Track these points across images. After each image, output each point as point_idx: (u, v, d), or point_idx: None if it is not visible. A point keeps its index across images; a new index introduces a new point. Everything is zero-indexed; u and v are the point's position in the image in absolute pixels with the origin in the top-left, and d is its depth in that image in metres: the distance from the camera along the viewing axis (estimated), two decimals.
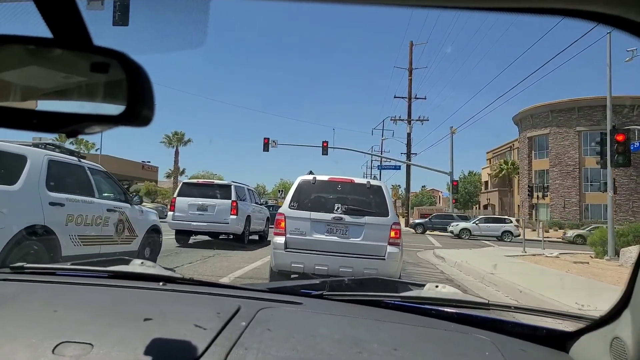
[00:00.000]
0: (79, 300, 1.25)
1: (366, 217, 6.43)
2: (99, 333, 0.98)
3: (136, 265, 1.69)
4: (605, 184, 16.66)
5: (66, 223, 5.73)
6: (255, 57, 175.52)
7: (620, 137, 15.42)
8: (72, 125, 0.62)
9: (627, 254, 13.20)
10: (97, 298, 1.27)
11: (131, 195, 7.58)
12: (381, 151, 55.77)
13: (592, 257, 15.91)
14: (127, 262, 1.74)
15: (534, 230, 31.61)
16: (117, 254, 6.58)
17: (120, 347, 0.93)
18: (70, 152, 6.40)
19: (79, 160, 6.40)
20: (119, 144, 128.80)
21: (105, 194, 6.84)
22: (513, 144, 57.54)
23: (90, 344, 0.93)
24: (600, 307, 5.23)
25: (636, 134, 26.07)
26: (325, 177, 6.81)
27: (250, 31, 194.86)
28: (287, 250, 6.36)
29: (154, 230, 8.10)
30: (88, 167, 6.53)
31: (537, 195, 21.70)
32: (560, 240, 30.66)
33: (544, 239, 20.45)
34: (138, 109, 0.61)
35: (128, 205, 7.27)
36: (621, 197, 38.84)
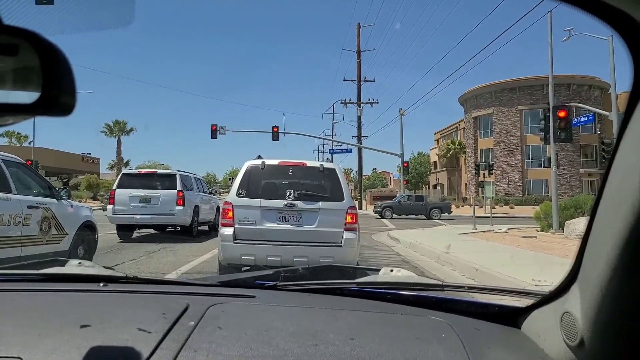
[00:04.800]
0: (6, 308, 1.12)
1: (320, 202, 6.08)
2: (29, 345, 0.90)
3: (73, 266, 1.58)
4: (549, 159, 17.21)
5: None
6: (199, 39, 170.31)
7: (562, 114, 15.97)
8: None
9: (571, 227, 13.70)
10: (28, 305, 1.15)
11: (58, 189, 6.77)
12: (332, 135, 55.71)
13: (538, 231, 16.52)
14: (62, 263, 1.61)
15: (482, 207, 32.74)
16: (43, 256, 5.86)
17: (53, 359, 0.86)
18: None
19: None
20: (55, 135, 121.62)
21: (26, 189, 6.04)
22: (459, 125, 59.22)
23: (18, 357, 0.85)
24: (555, 282, 5.20)
25: (574, 111, 27.42)
26: (275, 162, 6.38)
27: (189, 9, 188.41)
28: (236, 241, 5.93)
29: (88, 227, 7.34)
30: (1, 159, 5.70)
31: (483, 174, 22.19)
32: (506, 215, 31.93)
33: (492, 215, 21.23)
34: (55, 95, 0.55)
35: (54, 200, 6.48)
36: (559, 172, 40.81)
